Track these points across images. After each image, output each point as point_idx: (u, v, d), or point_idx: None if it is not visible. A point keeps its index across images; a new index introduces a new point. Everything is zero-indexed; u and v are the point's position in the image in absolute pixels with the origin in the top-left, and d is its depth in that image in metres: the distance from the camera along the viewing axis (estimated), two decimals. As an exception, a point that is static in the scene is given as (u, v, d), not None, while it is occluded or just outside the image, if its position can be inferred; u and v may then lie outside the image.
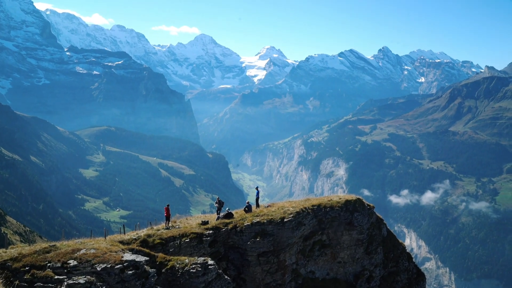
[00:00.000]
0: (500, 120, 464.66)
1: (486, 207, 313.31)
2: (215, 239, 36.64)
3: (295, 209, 40.09)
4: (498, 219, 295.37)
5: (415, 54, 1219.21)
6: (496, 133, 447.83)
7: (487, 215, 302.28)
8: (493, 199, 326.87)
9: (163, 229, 36.51)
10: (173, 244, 34.24)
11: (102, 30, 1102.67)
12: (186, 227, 36.89)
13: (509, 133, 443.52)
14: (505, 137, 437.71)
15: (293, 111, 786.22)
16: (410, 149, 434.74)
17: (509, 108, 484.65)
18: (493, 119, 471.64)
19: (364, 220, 44.39)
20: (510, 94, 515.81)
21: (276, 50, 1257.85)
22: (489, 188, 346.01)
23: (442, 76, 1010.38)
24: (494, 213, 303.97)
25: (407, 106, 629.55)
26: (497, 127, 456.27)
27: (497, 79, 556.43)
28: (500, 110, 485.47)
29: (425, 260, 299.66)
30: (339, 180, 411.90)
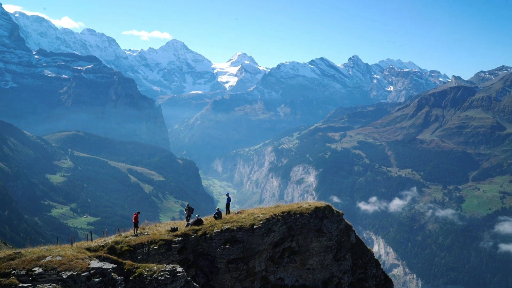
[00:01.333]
0: (466, 129, 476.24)
1: (452, 214, 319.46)
2: (184, 246, 36.35)
3: (265, 215, 40.12)
4: (464, 226, 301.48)
5: (384, 63, 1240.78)
6: (462, 141, 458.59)
7: (453, 222, 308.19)
8: (459, 206, 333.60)
9: (132, 236, 36.05)
10: (141, 251, 33.82)
11: (72, 34, 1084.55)
12: (155, 234, 36.50)
13: (474, 141, 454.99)
14: (470, 146, 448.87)
15: (264, 118, 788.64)
16: (379, 156, 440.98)
17: (475, 117, 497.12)
18: (460, 128, 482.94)
19: (333, 227, 44.68)
20: (476, 103, 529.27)
21: (247, 57, 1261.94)
22: (455, 196, 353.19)
23: (410, 85, 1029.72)
24: (460, 220, 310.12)
25: (376, 114, 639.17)
26: (463, 136, 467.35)
27: (464, 89, 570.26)
28: (466, 119, 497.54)
29: (393, 266, 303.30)
30: (309, 187, 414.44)
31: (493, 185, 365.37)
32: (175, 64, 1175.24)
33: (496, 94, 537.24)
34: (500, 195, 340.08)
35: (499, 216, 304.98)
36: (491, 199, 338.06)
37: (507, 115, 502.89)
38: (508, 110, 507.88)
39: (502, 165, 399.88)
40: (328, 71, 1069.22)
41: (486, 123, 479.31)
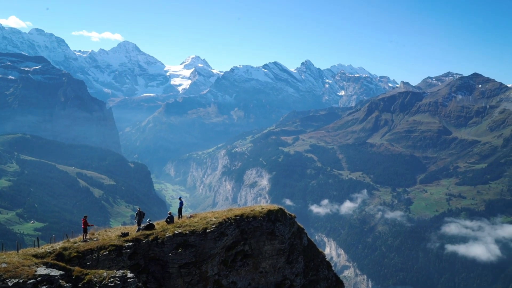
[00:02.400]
0: (414, 133, 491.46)
1: (401, 216, 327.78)
2: (135, 251, 35.72)
3: (218, 219, 40.00)
4: (412, 228, 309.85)
5: (336, 68, 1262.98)
6: (410, 145, 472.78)
7: (402, 224, 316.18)
8: (407, 208, 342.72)
9: (80, 242, 35.13)
10: (90, 257, 33.01)
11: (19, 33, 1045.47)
12: (105, 239, 35.73)
13: (422, 145, 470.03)
14: (418, 149, 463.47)
15: (218, 121, 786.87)
16: (331, 160, 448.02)
17: (422, 122, 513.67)
18: (408, 132, 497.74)
19: (286, 229, 44.99)
20: (423, 108, 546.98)
21: (201, 60, 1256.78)
22: (404, 198, 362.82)
23: (361, 90, 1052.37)
24: (409, 222, 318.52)
25: (328, 118, 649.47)
26: (411, 140, 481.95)
27: (412, 94, 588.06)
28: (414, 124, 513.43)
29: (344, 268, 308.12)
30: (262, 190, 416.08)
31: (440, 188, 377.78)
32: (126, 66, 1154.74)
33: (442, 100, 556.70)
34: (446, 197, 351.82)
35: (445, 218, 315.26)
36: (438, 201, 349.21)
37: (452, 119, 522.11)
38: (454, 115, 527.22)
39: (448, 168, 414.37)
40: (281, 75, 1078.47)
41: (433, 127, 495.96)
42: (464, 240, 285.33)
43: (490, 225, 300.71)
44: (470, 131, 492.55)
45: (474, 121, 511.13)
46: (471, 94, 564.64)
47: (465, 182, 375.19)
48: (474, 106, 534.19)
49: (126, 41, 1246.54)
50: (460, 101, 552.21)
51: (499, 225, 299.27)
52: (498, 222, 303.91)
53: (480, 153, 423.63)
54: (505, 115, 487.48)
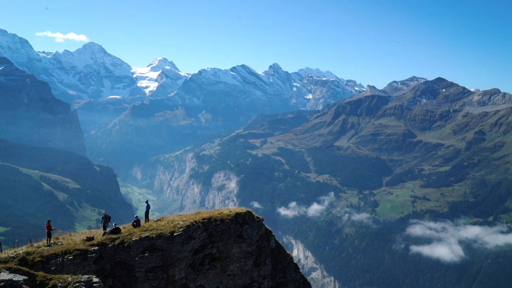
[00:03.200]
0: (380, 136, 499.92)
1: (367, 218, 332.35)
2: (101, 255, 35.13)
3: (185, 222, 39.73)
4: (378, 229, 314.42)
5: (303, 71, 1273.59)
6: (376, 148, 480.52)
7: (368, 226, 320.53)
8: (373, 210, 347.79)
9: (44, 246, 34.34)
10: (55, 262, 32.32)
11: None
12: (70, 244, 35.02)
13: (387, 148, 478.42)
14: (384, 152, 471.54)
15: (185, 124, 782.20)
16: (298, 162, 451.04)
17: (388, 125, 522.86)
18: (374, 135, 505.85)
19: (254, 232, 45.02)
20: (389, 112, 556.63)
21: (168, 62, 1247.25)
22: (370, 200, 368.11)
23: (328, 93, 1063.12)
24: (375, 224, 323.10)
25: (296, 121, 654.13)
26: (377, 143, 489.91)
27: (378, 98, 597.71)
28: (380, 127, 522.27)
29: (311, 270, 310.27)
30: (230, 193, 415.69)
31: (405, 190, 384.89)
32: (92, 67, 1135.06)
33: (407, 103, 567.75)
34: (411, 199, 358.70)
35: (410, 219, 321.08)
36: (403, 203, 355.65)
37: (417, 123, 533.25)
38: (418, 118, 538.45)
39: (413, 170, 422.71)
40: (249, 78, 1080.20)
41: (399, 130, 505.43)
42: (428, 241, 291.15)
43: (453, 227, 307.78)
44: (434, 135, 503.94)
45: (438, 125, 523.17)
46: (435, 98, 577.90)
47: (430, 185, 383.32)
48: (438, 110, 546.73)
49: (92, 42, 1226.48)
50: (424, 105, 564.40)
51: (462, 227, 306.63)
52: (461, 224, 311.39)
53: (444, 156, 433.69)
54: (468, 118, 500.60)
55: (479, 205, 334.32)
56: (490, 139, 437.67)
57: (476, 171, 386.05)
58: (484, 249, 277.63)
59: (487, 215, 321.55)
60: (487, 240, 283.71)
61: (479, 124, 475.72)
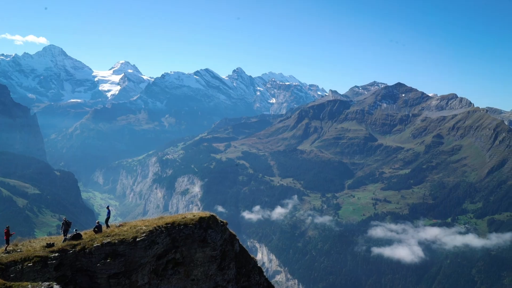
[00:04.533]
0: (342, 140, 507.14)
1: (330, 220, 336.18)
2: (61, 262, 34.52)
3: (148, 228, 39.45)
4: (341, 232, 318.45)
5: (267, 76, 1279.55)
6: (338, 152, 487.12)
7: (331, 228, 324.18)
8: (336, 213, 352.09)
9: (3, 253, 33.56)
10: (14, 269, 31.60)
11: None
12: (29, 250, 34.30)
13: (349, 152, 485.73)
14: (346, 156, 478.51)
15: (148, 128, 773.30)
16: (262, 166, 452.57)
17: (350, 129, 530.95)
18: (336, 139, 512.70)
19: (218, 236, 45.04)
20: (351, 116, 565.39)
21: (131, 66, 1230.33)
22: (333, 203, 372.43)
23: (291, 98, 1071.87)
24: (337, 226, 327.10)
25: (260, 125, 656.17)
26: (339, 146, 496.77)
27: (340, 102, 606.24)
28: (342, 131, 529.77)
29: (275, 273, 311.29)
30: (194, 197, 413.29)
31: (367, 193, 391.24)
32: (52, 70, 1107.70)
33: (368, 108, 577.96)
34: (372, 201, 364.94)
35: (371, 221, 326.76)
36: (365, 205, 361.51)
37: (378, 127, 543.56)
38: (379, 122, 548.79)
39: (374, 173, 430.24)
40: (213, 82, 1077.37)
41: (360, 134, 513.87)
42: (389, 243, 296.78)
43: (413, 228, 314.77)
44: (394, 138, 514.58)
45: (398, 129, 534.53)
46: (395, 103, 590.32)
47: (390, 187, 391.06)
48: (398, 114, 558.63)
49: (52, 45, 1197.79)
50: (385, 109, 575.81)
51: (421, 228, 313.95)
52: (420, 225, 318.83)
53: (404, 159, 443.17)
54: (427, 123, 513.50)
55: (437, 207, 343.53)
56: (448, 142, 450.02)
57: (434, 174, 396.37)
58: (443, 249, 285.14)
59: (445, 216, 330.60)
60: (446, 241, 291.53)
61: (437, 128, 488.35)
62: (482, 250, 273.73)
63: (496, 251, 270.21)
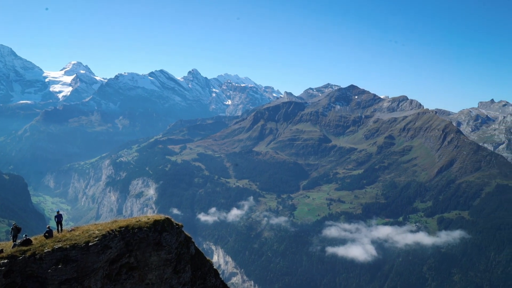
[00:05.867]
0: (297, 142, 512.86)
1: (285, 221, 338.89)
2: (11, 268, 33.63)
3: (101, 232, 38.88)
4: (296, 232, 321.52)
5: (222, 77, 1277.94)
6: (293, 153, 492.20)
7: (286, 229, 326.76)
8: (291, 213, 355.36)
9: None
10: (-41, 278, 30.60)
11: None
12: (-24, 258, 33.30)
13: (304, 153, 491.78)
14: (301, 157, 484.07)
15: (101, 129, 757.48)
16: (218, 168, 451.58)
17: (305, 131, 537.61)
18: (291, 140, 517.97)
19: (173, 239, 44.83)
20: (305, 118, 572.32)
21: (83, 66, 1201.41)
22: (288, 204, 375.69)
23: (247, 99, 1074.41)
24: (293, 227, 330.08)
25: (215, 127, 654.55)
26: (294, 148, 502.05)
27: (295, 104, 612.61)
28: (297, 132, 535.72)
29: (231, 275, 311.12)
30: (149, 200, 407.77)
31: (321, 193, 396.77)
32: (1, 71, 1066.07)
33: (322, 109, 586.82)
34: (327, 202, 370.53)
35: (326, 222, 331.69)
36: (320, 206, 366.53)
37: (332, 128, 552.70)
38: (333, 124, 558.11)
39: (328, 174, 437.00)
40: (168, 84, 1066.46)
41: (314, 136, 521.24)
42: (343, 242, 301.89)
43: (366, 227, 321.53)
44: (347, 139, 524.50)
45: (351, 130, 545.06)
46: (348, 105, 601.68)
47: (344, 187, 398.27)
48: (351, 115, 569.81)
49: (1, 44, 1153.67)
50: (338, 111, 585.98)
51: (374, 227, 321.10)
52: (373, 224, 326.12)
53: (357, 160, 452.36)
54: (379, 124, 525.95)
55: (389, 206, 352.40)
56: (399, 143, 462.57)
57: (386, 174, 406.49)
58: (395, 248, 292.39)
59: (397, 215, 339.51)
60: (398, 239, 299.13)
61: (389, 129, 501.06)
62: (432, 247, 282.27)
63: (446, 248, 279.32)
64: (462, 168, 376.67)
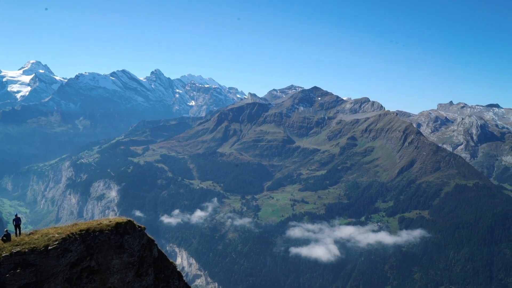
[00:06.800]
0: (261, 143, 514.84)
1: (250, 222, 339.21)
2: (-35, 275, 32.49)
3: (61, 235, 37.97)
4: (260, 233, 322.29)
5: (186, 78, 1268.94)
6: (258, 154, 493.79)
7: (250, 230, 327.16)
8: (256, 214, 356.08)
9: None
10: None
11: None
12: None
13: (268, 154, 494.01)
14: (265, 158, 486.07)
15: (61, 130, 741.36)
16: (182, 169, 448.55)
17: (269, 132, 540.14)
18: (255, 141, 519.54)
19: (135, 242, 44.20)
20: (269, 119, 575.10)
21: (42, 66, 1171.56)
22: (253, 205, 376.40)
23: (210, 100, 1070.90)
24: (257, 228, 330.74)
25: (179, 128, 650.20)
26: (258, 149, 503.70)
27: (259, 105, 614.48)
28: (261, 134, 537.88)
29: (195, 277, 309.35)
30: (111, 202, 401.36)
31: (285, 194, 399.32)
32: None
33: (286, 111, 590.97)
34: (291, 202, 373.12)
35: (290, 222, 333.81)
36: (284, 206, 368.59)
37: (295, 129, 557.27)
38: (296, 125, 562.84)
39: (292, 175, 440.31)
40: (130, 84, 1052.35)
41: (278, 137, 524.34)
42: (306, 243, 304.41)
43: (329, 227, 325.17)
44: (311, 140, 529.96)
45: (314, 131, 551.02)
46: (311, 106, 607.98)
47: (307, 188, 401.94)
48: (315, 117, 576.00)
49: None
50: (302, 112, 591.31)
51: (337, 227, 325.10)
52: (336, 224, 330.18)
53: (320, 161, 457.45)
54: (341, 125, 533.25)
55: (352, 206, 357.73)
56: (361, 144, 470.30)
57: (349, 175, 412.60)
58: (358, 247, 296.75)
59: (359, 215, 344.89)
60: (360, 239, 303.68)
61: (351, 130, 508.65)
62: (393, 246, 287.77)
63: (407, 247, 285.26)
64: (422, 169, 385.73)
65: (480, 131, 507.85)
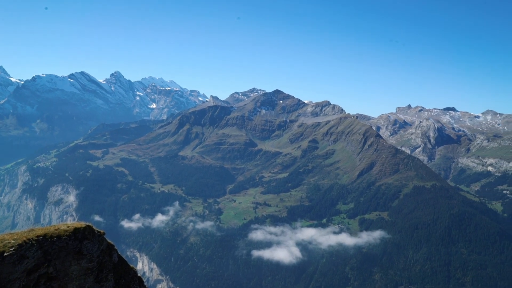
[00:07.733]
0: (224, 146, 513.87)
1: (212, 226, 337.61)
2: None
3: (17, 241, 36.76)
4: (222, 237, 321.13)
5: (147, 80, 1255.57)
6: (220, 157, 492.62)
7: (212, 234, 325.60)
8: (218, 218, 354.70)
9: None
10: None
11: None
12: None
13: (230, 157, 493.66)
14: (227, 161, 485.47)
15: (17, 134, 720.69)
16: (142, 173, 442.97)
17: (231, 135, 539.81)
18: (217, 144, 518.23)
19: (94, 247, 43.24)
20: (231, 122, 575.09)
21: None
22: (215, 208, 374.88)
23: (172, 103, 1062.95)
24: (219, 231, 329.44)
25: (140, 131, 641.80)
26: (220, 152, 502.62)
27: (221, 108, 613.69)
28: (223, 137, 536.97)
29: (157, 282, 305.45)
30: (69, 207, 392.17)
31: (247, 197, 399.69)
32: None
33: (248, 114, 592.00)
34: (253, 205, 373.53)
35: (252, 225, 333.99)
36: (246, 209, 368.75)
37: (257, 132, 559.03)
38: (258, 128, 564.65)
39: (254, 178, 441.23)
40: (89, 86, 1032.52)
41: (241, 140, 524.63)
42: (269, 245, 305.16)
43: (291, 230, 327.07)
44: (273, 143, 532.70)
45: (276, 134, 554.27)
46: (273, 109, 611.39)
47: (270, 191, 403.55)
48: (276, 120, 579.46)
49: None
50: (264, 115, 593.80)
51: (299, 229, 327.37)
52: (298, 227, 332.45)
53: (282, 164, 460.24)
54: (303, 128, 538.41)
55: (313, 208, 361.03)
56: (322, 147, 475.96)
57: (310, 177, 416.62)
58: (319, 249, 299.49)
59: (321, 217, 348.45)
60: (321, 240, 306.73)
61: (313, 133, 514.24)
62: (354, 248, 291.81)
63: (367, 248, 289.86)
64: (382, 171, 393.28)
65: (437, 134, 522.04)
